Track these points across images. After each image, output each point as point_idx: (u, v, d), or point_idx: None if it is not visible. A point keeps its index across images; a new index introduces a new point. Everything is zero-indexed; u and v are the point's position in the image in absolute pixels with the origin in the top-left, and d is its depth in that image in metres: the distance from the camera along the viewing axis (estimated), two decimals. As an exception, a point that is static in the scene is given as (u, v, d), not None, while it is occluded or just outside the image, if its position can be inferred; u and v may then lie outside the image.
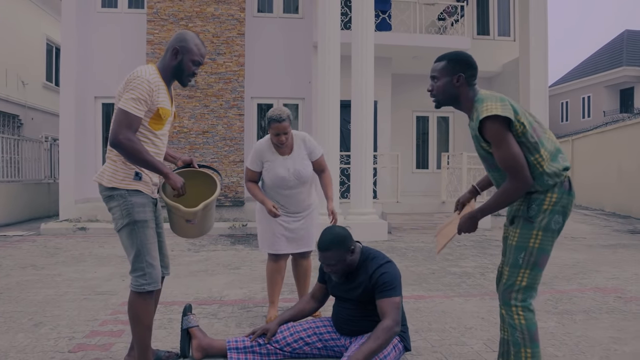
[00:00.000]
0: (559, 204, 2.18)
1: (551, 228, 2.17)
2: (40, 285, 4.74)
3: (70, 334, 3.33)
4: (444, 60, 2.28)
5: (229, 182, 9.84)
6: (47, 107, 14.90)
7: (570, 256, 6.40)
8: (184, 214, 2.57)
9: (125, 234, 2.48)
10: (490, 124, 2.08)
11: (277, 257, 3.63)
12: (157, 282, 2.52)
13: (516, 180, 2.09)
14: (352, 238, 2.72)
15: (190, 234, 2.80)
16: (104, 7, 10.19)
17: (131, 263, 2.50)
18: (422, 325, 3.48)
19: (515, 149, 2.09)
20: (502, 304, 2.25)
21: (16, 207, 10.36)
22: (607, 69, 24.31)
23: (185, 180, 2.65)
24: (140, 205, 2.47)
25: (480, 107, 2.14)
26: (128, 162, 2.46)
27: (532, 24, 9.66)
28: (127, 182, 2.47)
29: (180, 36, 2.58)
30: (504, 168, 2.13)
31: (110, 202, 2.49)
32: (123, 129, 2.36)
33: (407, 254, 6.49)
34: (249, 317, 3.71)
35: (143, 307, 2.52)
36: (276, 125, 3.35)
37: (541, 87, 9.73)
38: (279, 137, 3.40)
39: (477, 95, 2.24)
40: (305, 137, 3.59)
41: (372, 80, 8.11)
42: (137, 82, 2.40)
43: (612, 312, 3.83)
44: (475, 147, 2.31)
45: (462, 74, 2.23)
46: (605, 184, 12.55)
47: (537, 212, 2.17)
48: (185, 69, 2.58)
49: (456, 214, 2.60)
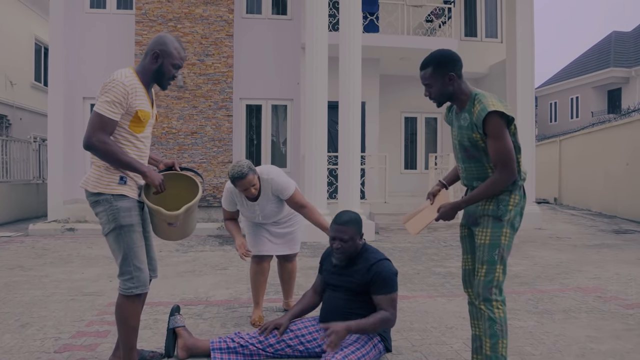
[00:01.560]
0: (519, 205, 2.37)
1: (515, 226, 2.36)
2: (27, 287, 4.75)
3: (57, 334, 3.36)
4: (430, 67, 2.37)
5: (217, 182, 9.86)
6: (35, 107, 14.82)
7: (554, 256, 6.50)
8: (165, 217, 2.59)
9: (112, 238, 2.52)
10: (496, 118, 2.23)
11: (261, 258, 3.67)
12: (144, 285, 2.56)
13: (506, 172, 2.26)
14: None
15: (173, 237, 2.83)
16: (92, 7, 10.17)
17: (119, 267, 2.54)
18: (404, 325, 3.55)
19: (510, 144, 2.28)
20: (482, 300, 2.34)
21: (4, 208, 10.30)
22: (595, 70, 24.61)
23: (167, 183, 2.68)
24: (126, 209, 2.50)
25: (485, 101, 2.27)
26: (111, 167, 2.49)
27: (518, 26, 9.75)
28: (112, 187, 2.50)
29: (159, 40, 2.58)
30: (497, 160, 2.27)
31: (97, 207, 2.52)
32: (96, 131, 2.38)
33: (393, 254, 6.55)
34: (234, 317, 3.75)
35: (131, 310, 2.56)
36: (241, 182, 3.27)
37: (528, 88, 9.83)
38: (247, 192, 3.34)
39: (475, 90, 2.37)
40: (271, 180, 3.42)
41: (359, 81, 8.17)
42: (112, 84, 2.42)
43: (591, 312, 3.92)
44: (458, 137, 2.42)
45: (452, 72, 2.34)
46: (592, 185, 12.72)
47: (505, 212, 2.32)
48: (166, 72, 2.58)
49: (428, 202, 2.68)
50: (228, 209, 3.64)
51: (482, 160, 2.36)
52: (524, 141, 9.55)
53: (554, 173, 15.04)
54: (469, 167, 2.43)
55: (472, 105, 2.33)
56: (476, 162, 2.39)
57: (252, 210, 3.53)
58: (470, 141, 2.34)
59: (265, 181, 3.43)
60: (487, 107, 2.24)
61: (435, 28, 11.40)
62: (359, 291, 2.79)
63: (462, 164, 2.48)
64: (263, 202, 3.48)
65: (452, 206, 2.42)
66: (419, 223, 2.61)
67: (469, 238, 2.53)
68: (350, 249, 2.79)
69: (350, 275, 2.81)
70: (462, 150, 2.42)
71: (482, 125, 2.26)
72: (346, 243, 2.76)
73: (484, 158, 2.35)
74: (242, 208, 3.58)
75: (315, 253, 6.55)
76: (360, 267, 2.80)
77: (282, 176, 3.49)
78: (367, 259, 2.82)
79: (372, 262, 2.78)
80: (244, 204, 3.54)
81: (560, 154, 14.73)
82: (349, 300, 2.82)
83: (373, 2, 10.14)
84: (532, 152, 9.81)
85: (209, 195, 9.79)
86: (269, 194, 3.46)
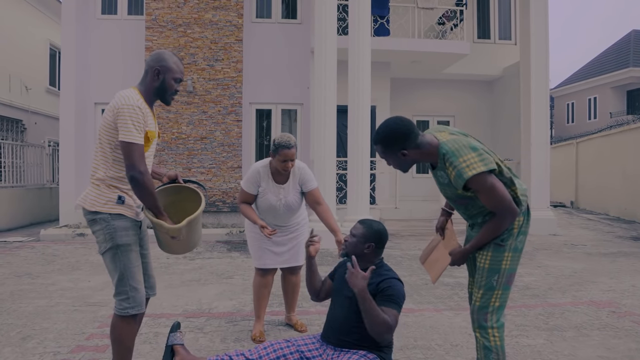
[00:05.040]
0: (523, 226, 2.25)
1: (518, 248, 2.26)
2: (33, 295, 4.77)
3: (56, 348, 3.34)
4: (379, 145, 2.23)
5: (227, 187, 9.84)
6: (50, 112, 14.99)
7: (567, 266, 6.33)
8: (168, 231, 2.56)
9: (108, 257, 2.49)
10: (477, 178, 2.06)
11: (265, 271, 3.62)
12: (140, 305, 2.53)
13: (507, 215, 2.14)
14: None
15: (178, 251, 2.81)
16: (104, 13, 10.23)
17: (115, 286, 2.51)
18: (407, 342, 3.45)
19: (502, 191, 2.11)
20: (476, 326, 2.25)
21: (18, 212, 10.43)
22: (614, 70, 24.10)
23: (170, 195, 2.68)
24: (123, 229, 2.47)
25: (457, 163, 2.07)
26: (110, 185, 2.48)
27: (532, 27, 9.56)
28: (110, 206, 2.47)
29: (158, 56, 2.57)
30: (495, 209, 2.14)
31: (94, 225, 2.50)
32: (139, 161, 2.39)
33: (402, 263, 6.45)
34: (235, 331, 3.70)
35: (125, 331, 2.53)
36: (285, 152, 3.31)
37: (542, 90, 9.64)
38: (285, 164, 3.36)
39: (441, 146, 2.15)
40: (302, 167, 3.54)
41: (368, 85, 8.08)
42: (129, 110, 2.39)
43: (604, 329, 3.78)
44: (441, 190, 2.31)
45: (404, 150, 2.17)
46: (610, 188, 12.43)
47: (507, 237, 2.22)
48: (168, 88, 2.57)
49: (439, 237, 2.60)
50: (248, 190, 3.51)
51: (475, 201, 2.23)
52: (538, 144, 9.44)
53: (570, 176, 14.75)
54: (464, 210, 2.34)
55: (443, 164, 2.15)
56: (469, 205, 2.27)
57: (277, 193, 3.46)
58: (455, 195, 2.24)
59: (297, 167, 3.51)
60: (463, 174, 2.06)
61: (447, 31, 11.24)
62: None
63: (455, 207, 2.38)
64: (289, 188, 3.49)
65: (462, 254, 2.35)
66: (437, 269, 2.58)
67: (473, 260, 2.43)
68: (351, 246, 2.67)
69: None
70: (450, 201, 2.32)
71: (465, 188, 2.13)
72: (352, 238, 2.68)
73: (477, 200, 2.21)
74: (266, 191, 3.48)
75: (321, 261, 6.47)
76: (372, 280, 2.71)
77: (309, 170, 3.64)
78: (380, 274, 2.72)
79: (385, 278, 2.69)
80: (270, 186, 3.47)
81: (577, 156, 14.44)
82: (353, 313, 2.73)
83: (383, 5, 10.03)
84: (546, 155, 9.64)
85: (218, 200, 9.78)
86: (296, 181, 3.51)
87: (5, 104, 13.01)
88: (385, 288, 2.63)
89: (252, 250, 3.66)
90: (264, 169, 3.49)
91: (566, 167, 14.89)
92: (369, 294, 2.44)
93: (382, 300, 2.63)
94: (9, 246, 7.94)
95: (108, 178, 2.49)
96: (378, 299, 2.64)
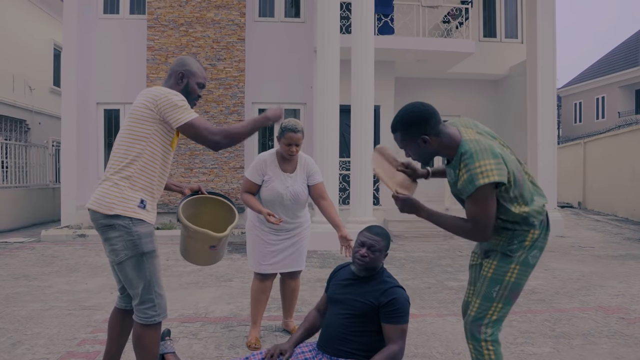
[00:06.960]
0: (539, 240, 2.09)
1: (529, 263, 2.09)
2: (28, 299, 4.68)
3: (46, 354, 3.25)
4: (397, 131, 2.08)
5: (229, 188, 9.75)
6: (54, 112, 14.96)
7: (575, 269, 6.17)
8: (212, 240, 2.51)
9: (130, 266, 2.33)
10: (483, 188, 1.92)
11: (264, 276, 3.51)
12: (165, 311, 2.46)
13: (476, 232, 2.00)
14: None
15: (207, 261, 2.77)
16: (105, 12, 10.17)
17: (139, 295, 2.37)
18: (407, 350, 3.32)
19: (489, 212, 1.97)
20: (469, 338, 2.11)
21: (21, 212, 10.40)
22: (622, 69, 23.80)
23: (194, 208, 2.67)
24: (147, 235, 2.34)
25: (472, 167, 1.92)
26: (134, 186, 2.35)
27: (539, 25, 9.40)
28: (132, 209, 2.31)
29: (182, 61, 2.57)
30: (471, 220, 1.99)
31: (110, 232, 2.31)
32: (209, 131, 2.34)
33: (405, 265, 6.32)
34: (230, 337, 3.59)
35: (154, 339, 2.44)
36: (291, 135, 3.29)
37: (549, 89, 9.47)
38: (290, 148, 3.32)
39: (462, 144, 2.00)
40: (309, 159, 3.54)
41: (372, 84, 7.96)
42: (172, 95, 2.36)
43: (612, 336, 3.63)
44: (451, 189, 2.19)
45: (424, 135, 2.02)
46: (619, 189, 12.22)
47: (518, 248, 2.07)
48: (191, 92, 2.56)
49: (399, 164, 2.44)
50: (252, 179, 3.41)
51: None
52: (545, 144, 9.28)
53: (578, 176, 14.54)
54: None
55: (458, 162, 2.01)
56: None
57: (284, 181, 3.38)
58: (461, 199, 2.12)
59: (304, 158, 3.50)
60: (475, 180, 1.91)
61: (452, 29, 11.09)
62: (362, 313, 2.58)
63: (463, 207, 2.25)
64: (296, 177, 3.43)
65: (414, 205, 2.17)
66: (385, 177, 2.43)
67: (478, 268, 2.29)
68: (374, 262, 2.58)
69: (359, 294, 2.60)
70: (458, 200, 2.18)
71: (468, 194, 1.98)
72: (374, 254, 2.56)
73: None
74: (272, 179, 3.38)
75: (324, 263, 6.35)
76: (372, 288, 2.58)
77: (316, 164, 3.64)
78: (382, 282, 2.60)
79: (389, 287, 2.57)
80: (277, 174, 3.39)
81: (585, 157, 14.23)
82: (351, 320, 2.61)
83: (387, 3, 9.89)
84: (553, 155, 9.50)
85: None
86: (303, 172, 3.48)
87: (9, 104, 12.99)
88: (390, 301, 2.50)
89: (252, 254, 3.54)
90: (270, 157, 3.44)
91: (574, 168, 14.69)
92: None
93: (388, 317, 2.51)
94: (9, 247, 7.89)
95: (137, 176, 2.34)
96: (384, 316, 2.52)
